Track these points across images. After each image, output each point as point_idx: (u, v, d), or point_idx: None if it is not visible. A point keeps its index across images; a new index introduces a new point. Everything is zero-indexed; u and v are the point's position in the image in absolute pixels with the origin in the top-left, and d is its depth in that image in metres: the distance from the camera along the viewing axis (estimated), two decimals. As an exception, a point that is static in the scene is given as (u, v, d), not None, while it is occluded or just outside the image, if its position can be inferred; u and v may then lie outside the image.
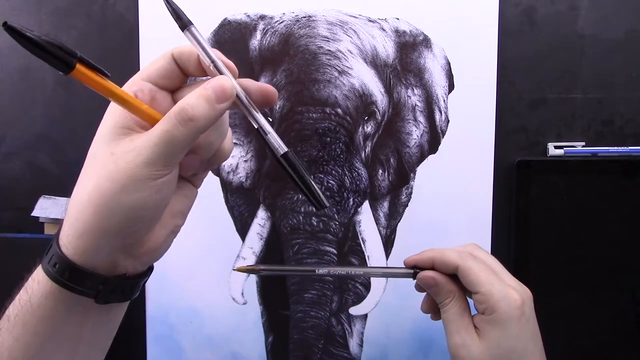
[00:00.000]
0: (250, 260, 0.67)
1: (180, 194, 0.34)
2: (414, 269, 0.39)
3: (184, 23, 0.31)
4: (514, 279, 0.36)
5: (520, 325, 0.33)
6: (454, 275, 0.37)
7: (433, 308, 0.40)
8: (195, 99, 0.28)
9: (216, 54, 0.31)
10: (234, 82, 0.30)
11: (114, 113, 0.31)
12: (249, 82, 0.32)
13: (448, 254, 0.37)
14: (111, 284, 0.30)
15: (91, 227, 0.28)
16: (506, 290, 0.34)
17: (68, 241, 0.29)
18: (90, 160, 0.30)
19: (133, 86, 0.32)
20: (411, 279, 0.39)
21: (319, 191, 0.31)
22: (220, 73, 0.30)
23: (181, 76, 0.33)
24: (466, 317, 0.36)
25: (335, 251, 0.65)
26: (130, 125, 0.30)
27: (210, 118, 0.28)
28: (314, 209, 0.63)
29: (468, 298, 0.38)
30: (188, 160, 0.31)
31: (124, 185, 0.27)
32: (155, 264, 0.39)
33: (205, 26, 0.65)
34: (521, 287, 0.35)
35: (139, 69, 0.67)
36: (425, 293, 0.41)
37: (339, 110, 0.63)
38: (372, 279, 0.66)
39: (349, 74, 0.63)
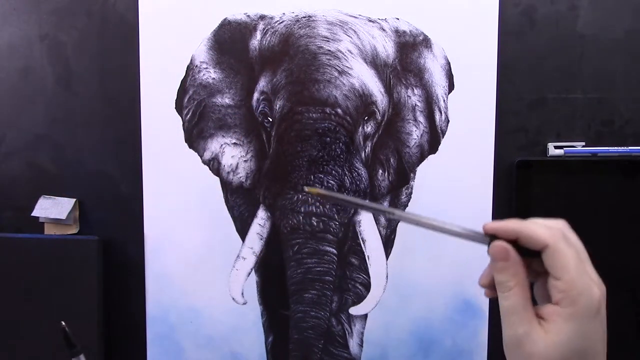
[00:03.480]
0: (250, 260, 0.67)
1: None
2: (491, 237, 0.34)
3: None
4: (594, 271, 0.33)
5: (595, 324, 0.31)
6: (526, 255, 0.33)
7: (491, 283, 0.36)
8: None
9: None
10: None
11: None
12: None
13: (539, 230, 0.32)
14: None
15: None
16: (589, 284, 0.31)
17: None
18: None
19: None
20: (485, 245, 0.34)
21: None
22: None
23: None
24: (530, 306, 0.33)
25: (335, 251, 0.65)
26: None
27: None
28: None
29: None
30: None
31: None
32: (155, 264, 0.38)
33: (205, 26, 0.65)
34: (600, 282, 0.32)
35: (139, 69, 0.68)
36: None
37: (339, 110, 0.63)
38: (372, 279, 0.66)
39: (349, 74, 0.63)
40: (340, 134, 0.64)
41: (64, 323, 0.33)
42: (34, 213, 0.69)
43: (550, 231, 0.32)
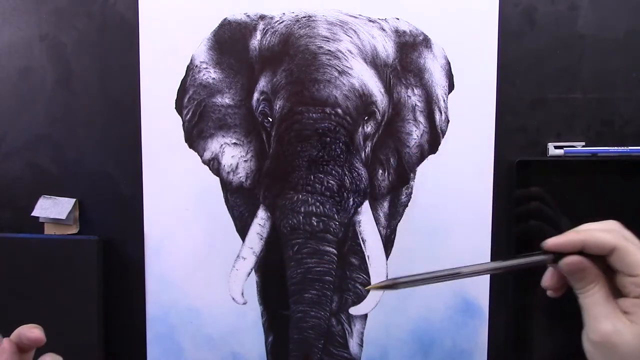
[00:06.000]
0: (250, 260, 0.67)
1: None
2: (555, 254, 0.35)
3: None
4: None
5: None
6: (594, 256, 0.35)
7: (558, 285, 0.37)
8: None
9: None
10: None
11: None
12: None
13: (602, 235, 0.35)
14: None
15: None
16: None
17: None
18: None
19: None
20: (547, 264, 0.36)
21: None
22: None
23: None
24: (612, 302, 0.34)
25: (335, 251, 0.65)
26: None
27: None
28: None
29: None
30: None
31: None
32: (155, 264, 0.38)
33: (205, 26, 0.65)
34: None
35: (139, 69, 0.68)
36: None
37: (339, 110, 0.63)
38: (372, 278, 0.66)
39: (349, 74, 0.63)
40: (340, 134, 0.64)
41: None
42: (34, 213, 0.69)
43: (613, 234, 0.35)
